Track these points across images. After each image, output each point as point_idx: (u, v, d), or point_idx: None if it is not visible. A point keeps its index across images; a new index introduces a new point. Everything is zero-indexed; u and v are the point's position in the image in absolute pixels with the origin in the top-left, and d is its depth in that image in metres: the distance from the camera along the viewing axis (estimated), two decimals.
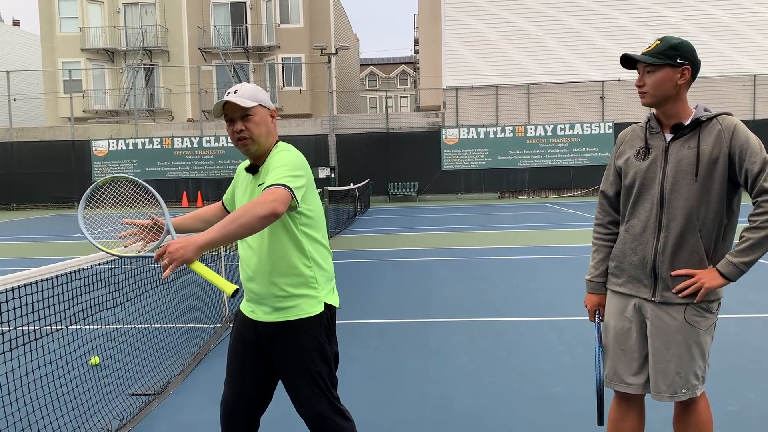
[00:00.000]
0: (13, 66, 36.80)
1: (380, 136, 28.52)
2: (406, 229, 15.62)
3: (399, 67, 68.24)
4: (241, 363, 2.57)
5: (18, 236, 16.29)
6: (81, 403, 3.96)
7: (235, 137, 2.44)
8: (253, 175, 2.51)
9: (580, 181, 27.77)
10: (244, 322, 2.59)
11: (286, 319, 2.45)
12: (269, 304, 2.47)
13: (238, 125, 2.42)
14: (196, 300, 6.15)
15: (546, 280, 8.23)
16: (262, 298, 2.47)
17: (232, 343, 2.61)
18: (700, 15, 27.45)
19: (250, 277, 2.49)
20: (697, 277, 2.45)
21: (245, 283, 2.54)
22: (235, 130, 2.43)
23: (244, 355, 2.56)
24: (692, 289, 2.45)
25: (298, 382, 2.48)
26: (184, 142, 28.65)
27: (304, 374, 2.46)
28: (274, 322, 2.47)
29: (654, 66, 2.45)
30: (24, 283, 3.00)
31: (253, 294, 2.50)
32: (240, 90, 2.42)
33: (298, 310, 2.45)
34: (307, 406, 2.48)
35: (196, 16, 32.66)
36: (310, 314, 2.46)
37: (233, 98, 2.39)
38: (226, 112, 2.44)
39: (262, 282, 2.45)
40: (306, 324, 2.45)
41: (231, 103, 2.40)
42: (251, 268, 2.48)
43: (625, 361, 2.62)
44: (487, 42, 28.35)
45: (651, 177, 2.51)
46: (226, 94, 2.42)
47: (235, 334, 2.61)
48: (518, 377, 4.52)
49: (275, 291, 2.44)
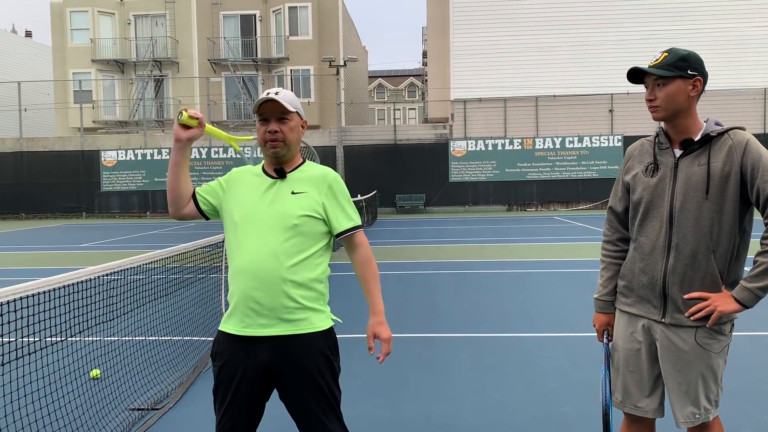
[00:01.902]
0: (24, 77, 37.09)
1: (388, 147, 28.50)
2: (412, 241, 15.54)
3: (407, 79, 68.40)
4: (235, 392, 2.37)
5: (27, 246, 16.31)
6: (78, 416, 3.89)
7: (267, 137, 2.41)
8: (279, 179, 2.44)
9: (589, 195, 27.62)
10: (235, 342, 2.37)
11: (295, 332, 2.34)
12: (275, 316, 2.32)
13: (273, 125, 2.41)
14: (193, 313, 6.08)
15: (554, 295, 8.11)
16: (267, 309, 2.31)
17: (221, 369, 2.39)
18: (709, 28, 27.36)
19: (256, 286, 2.31)
20: (710, 301, 2.34)
21: (246, 292, 2.33)
22: (269, 129, 2.41)
23: (237, 383, 2.36)
24: (704, 313, 2.34)
25: (307, 400, 2.35)
26: (192, 153, 28.68)
27: (314, 392, 2.35)
28: (282, 336, 2.33)
29: (665, 78, 2.36)
30: (21, 296, 2.94)
31: (256, 304, 2.31)
32: (281, 93, 2.42)
33: (308, 324, 2.37)
34: (316, 426, 2.35)
35: (206, 28, 32.86)
36: (320, 329, 2.40)
37: (278, 98, 2.39)
38: (262, 110, 2.42)
39: (273, 291, 2.31)
40: (316, 338, 2.38)
41: (273, 103, 2.39)
42: (261, 275, 2.31)
43: (636, 383, 2.53)
44: (496, 54, 28.36)
45: (659, 194, 2.42)
46: (266, 94, 2.41)
47: (224, 359, 2.38)
48: (525, 395, 4.42)
49: (286, 302, 2.32)
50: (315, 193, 2.43)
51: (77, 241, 17.42)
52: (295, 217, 2.37)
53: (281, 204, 2.38)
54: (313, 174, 2.48)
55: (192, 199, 2.53)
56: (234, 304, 2.39)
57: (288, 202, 2.39)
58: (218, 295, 6.42)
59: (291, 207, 2.38)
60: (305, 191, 2.43)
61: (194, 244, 5.64)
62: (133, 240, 17.31)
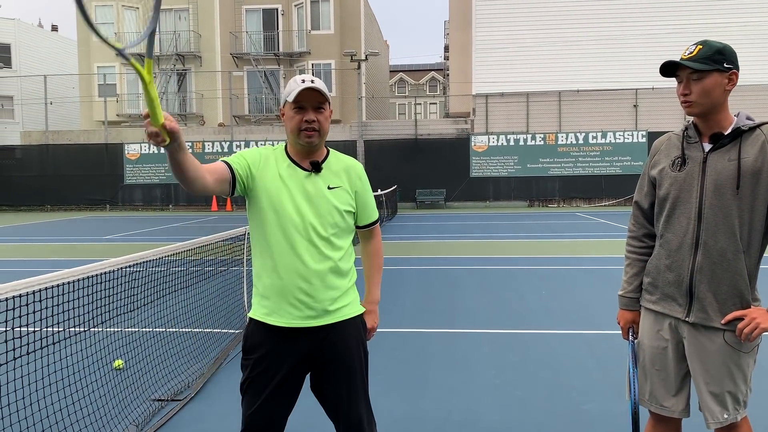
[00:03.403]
0: (50, 70, 37.65)
1: (409, 142, 28.43)
2: (432, 237, 15.48)
3: (428, 73, 68.11)
4: (275, 387, 2.35)
5: (52, 237, 16.56)
6: (101, 406, 3.94)
7: (303, 126, 2.34)
8: (314, 173, 2.39)
9: (612, 191, 27.29)
10: (276, 335, 2.36)
11: (340, 319, 2.41)
12: (322, 308, 2.35)
13: (311, 115, 2.35)
14: (215, 305, 6.11)
15: (577, 292, 8.03)
16: (316, 302, 2.34)
17: (257, 362, 2.36)
18: (737, 21, 26.83)
19: (303, 280, 2.32)
20: (750, 317, 2.26)
21: (293, 286, 2.31)
22: (307, 119, 2.34)
23: (277, 376, 2.35)
24: (748, 330, 2.25)
25: (347, 382, 2.41)
26: (214, 147, 28.93)
27: (353, 374, 2.43)
28: (327, 325, 2.38)
29: (701, 72, 2.27)
30: (46, 286, 2.97)
31: (305, 297, 2.32)
32: (316, 81, 2.34)
33: (349, 309, 2.45)
34: (353, 409, 2.41)
35: (229, 22, 33.02)
36: (357, 314, 2.50)
37: (317, 86, 2.32)
38: (300, 99, 2.33)
39: (321, 285, 2.34)
40: (355, 323, 2.47)
41: (313, 91, 2.32)
42: (308, 271, 2.32)
43: (662, 382, 2.48)
44: (518, 49, 28.11)
45: (687, 189, 2.34)
46: (301, 81, 2.33)
47: (262, 352, 2.36)
48: (547, 393, 4.38)
49: (333, 293, 2.38)
50: (348, 186, 2.47)
51: (101, 233, 17.64)
52: (337, 213, 2.40)
53: (323, 201, 2.38)
54: (342, 166, 2.49)
55: (229, 171, 2.30)
56: (276, 298, 2.35)
57: (328, 199, 2.39)
58: (240, 288, 6.45)
59: (332, 204, 2.39)
60: (339, 185, 2.44)
61: (216, 237, 5.66)
62: (156, 233, 17.49)
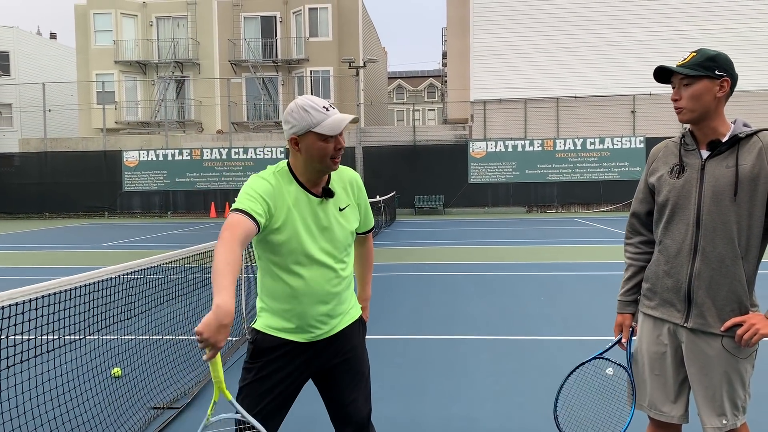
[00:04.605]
0: (49, 78, 37.69)
1: (407, 148, 28.46)
2: (431, 243, 15.48)
3: (427, 80, 68.27)
4: (280, 389, 2.34)
5: (50, 245, 16.53)
6: (97, 414, 3.91)
7: (335, 153, 2.24)
8: (328, 198, 2.32)
9: (610, 197, 27.33)
10: (287, 345, 2.34)
11: (348, 323, 2.44)
12: (336, 316, 2.39)
13: (341, 141, 2.26)
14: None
15: (576, 298, 8.02)
16: (333, 317, 2.37)
17: (263, 366, 2.32)
18: (734, 28, 26.93)
19: (323, 300, 2.31)
20: (749, 323, 2.27)
21: (311, 310, 2.30)
22: (340, 146, 2.25)
23: (286, 380, 2.34)
24: (748, 335, 2.26)
25: (357, 383, 2.44)
26: (213, 154, 28.94)
27: (360, 374, 2.46)
28: (339, 332, 2.41)
29: (691, 78, 2.29)
30: (43, 294, 2.96)
31: (324, 316, 2.33)
32: (335, 107, 2.28)
33: (354, 311, 2.49)
34: (361, 408, 2.42)
35: (227, 29, 33.10)
36: (359, 315, 2.53)
37: (351, 116, 2.24)
38: (337, 130, 2.24)
39: (338, 300, 2.38)
40: (358, 324, 2.51)
41: (351, 122, 2.25)
42: (328, 290, 2.32)
43: (661, 387, 2.47)
44: (516, 55, 28.19)
45: (686, 196, 2.35)
46: (332, 108, 2.24)
47: (269, 358, 2.33)
48: (547, 399, 4.36)
49: (345, 306, 2.43)
50: (354, 201, 2.45)
51: (99, 240, 17.62)
52: (350, 235, 2.40)
53: (337, 227, 2.34)
54: (345, 181, 2.44)
55: (255, 225, 2.13)
56: (296, 320, 2.32)
57: (342, 224, 2.36)
58: (238, 296, 6.43)
59: (346, 228, 2.37)
60: (348, 203, 2.41)
61: (213, 245, 5.65)
62: (154, 240, 17.47)
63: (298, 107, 2.24)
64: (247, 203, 2.14)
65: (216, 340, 1.82)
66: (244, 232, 2.07)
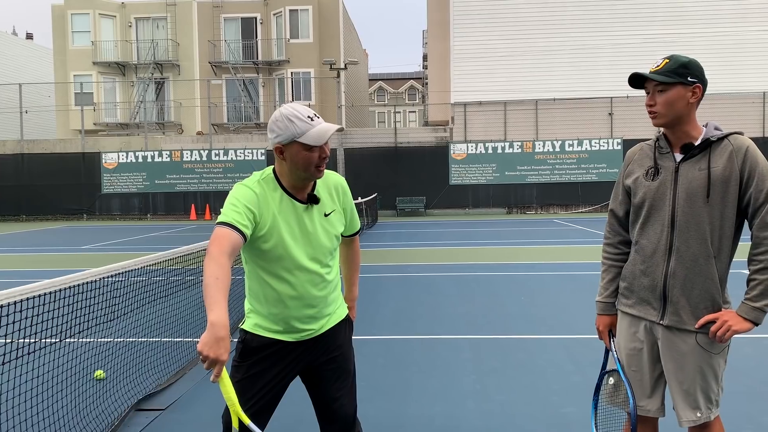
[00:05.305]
0: (25, 79, 37.13)
1: (388, 150, 28.52)
2: (413, 244, 15.54)
3: (407, 82, 68.43)
4: (275, 395, 2.40)
5: (28, 248, 16.32)
6: (83, 417, 3.90)
7: (320, 162, 2.27)
8: (313, 205, 2.35)
9: (589, 198, 27.64)
10: (276, 345, 2.39)
11: (335, 322, 2.48)
12: (323, 318, 2.44)
13: (327, 150, 2.28)
14: (195, 315, 6.09)
15: (555, 297, 8.13)
16: (320, 318, 2.43)
17: (252, 365, 2.37)
18: (707, 32, 27.40)
19: (310, 303, 2.36)
20: (721, 320, 2.36)
21: (298, 312, 2.35)
22: (325, 155, 2.27)
23: (274, 378, 2.39)
24: (721, 332, 2.35)
25: (342, 382, 2.48)
26: (193, 155, 28.75)
27: (347, 372, 2.50)
28: (326, 331, 2.45)
29: (665, 85, 2.38)
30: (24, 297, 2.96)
31: (310, 319, 2.39)
32: (320, 117, 2.30)
33: (341, 310, 2.54)
34: (347, 406, 2.47)
35: (207, 30, 32.92)
36: (346, 314, 2.58)
37: (335, 126, 2.26)
38: (322, 140, 2.27)
39: (324, 302, 2.42)
40: (345, 324, 2.55)
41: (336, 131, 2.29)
42: (315, 295, 2.36)
43: (638, 382, 2.55)
44: (496, 58, 28.39)
45: (660, 198, 2.44)
46: (316, 117, 2.26)
47: (257, 357, 2.38)
48: (527, 397, 4.43)
49: (332, 307, 2.48)
50: (339, 206, 2.48)
51: (78, 243, 17.43)
52: (336, 239, 2.44)
53: (322, 233, 2.37)
54: (330, 186, 2.46)
55: (242, 238, 2.16)
56: (282, 324, 2.38)
57: (327, 230, 2.39)
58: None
59: (331, 233, 2.40)
60: (333, 209, 2.44)
61: (195, 247, 5.65)
62: (134, 242, 17.33)
63: (283, 116, 2.25)
64: (232, 215, 2.17)
65: (217, 355, 1.85)
66: (231, 245, 2.10)
